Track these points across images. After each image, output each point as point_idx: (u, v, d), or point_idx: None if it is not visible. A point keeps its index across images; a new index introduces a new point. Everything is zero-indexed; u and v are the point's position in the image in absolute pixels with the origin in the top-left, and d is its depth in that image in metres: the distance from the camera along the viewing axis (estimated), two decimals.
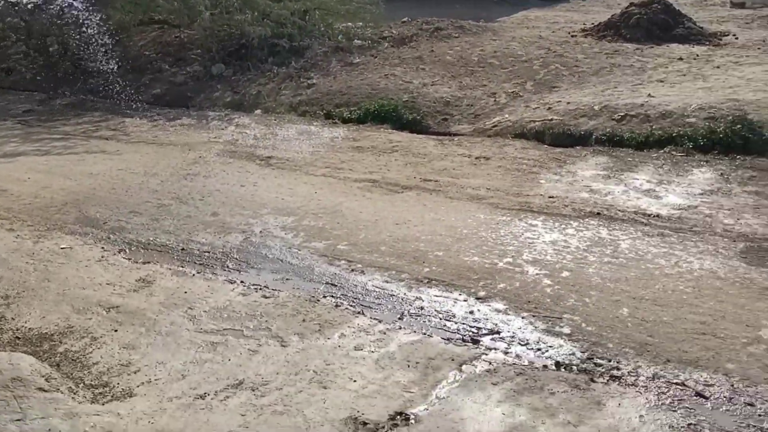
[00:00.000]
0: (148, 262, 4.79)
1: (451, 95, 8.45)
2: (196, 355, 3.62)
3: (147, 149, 7.37)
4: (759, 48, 9.29)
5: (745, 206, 5.12)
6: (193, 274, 4.59)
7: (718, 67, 8.17)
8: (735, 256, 4.36)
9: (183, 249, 5.00)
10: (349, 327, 3.86)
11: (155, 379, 3.42)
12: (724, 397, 3.10)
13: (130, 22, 10.64)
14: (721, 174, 5.81)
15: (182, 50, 10.22)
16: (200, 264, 4.75)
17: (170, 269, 4.67)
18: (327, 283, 4.42)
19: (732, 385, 3.16)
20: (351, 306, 4.12)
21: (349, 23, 10.99)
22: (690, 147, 6.42)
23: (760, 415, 2.96)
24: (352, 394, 3.24)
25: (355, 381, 3.35)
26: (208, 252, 4.93)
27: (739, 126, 6.33)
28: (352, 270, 4.56)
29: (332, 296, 4.24)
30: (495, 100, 8.27)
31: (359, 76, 9.20)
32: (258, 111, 8.68)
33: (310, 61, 9.76)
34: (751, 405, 3.02)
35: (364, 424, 3.02)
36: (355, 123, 8.02)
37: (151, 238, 5.19)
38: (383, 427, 3.00)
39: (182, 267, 4.71)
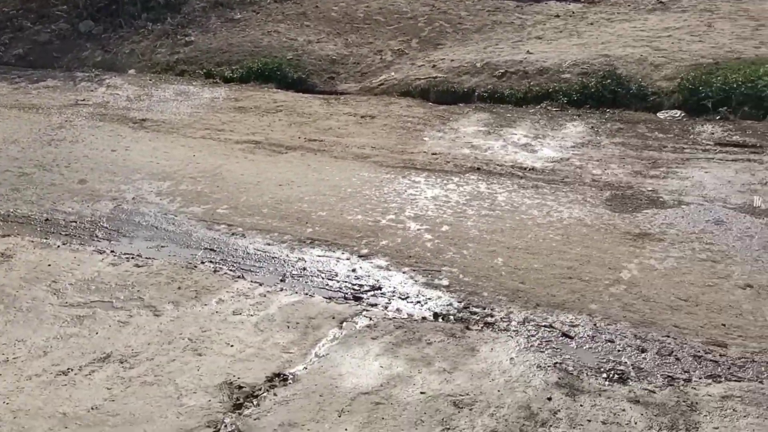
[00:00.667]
0: (8, 235, 4.42)
1: (337, 53, 8.32)
2: (60, 330, 3.40)
3: (7, 114, 6.78)
4: (630, 5, 9.72)
5: (612, 157, 5.40)
6: (58, 246, 4.29)
7: (591, 24, 8.50)
8: (601, 204, 4.59)
9: (47, 219, 4.65)
10: (227, 292, 3.75)
11: (13, 358, 3.18)
12: (588, 335, 3.28)
13: None
14: (592, 127, 6.08)
15: (46, 6, 9.38)
16: (66, 235, 4.45)
17: (32, 241, 4.34)
18: (205, 248, 4.26)
19: (595, 324, 3.34)
20: (231, 271, 4.00)
21: None
22: (565, 102, 6.67)
23: (618, 351, 3.15)
24: (229, 359, 3.16)
25: (232, 346, 3.27)
26: (75, 222, 4.62)
27: (609, 81, 6.63)
28: (233, 234, 4.43)
29: (211, 262, 4.11)
30: (381, 58, 8.22)
31: (241, 33, 8.85)
32: (131, 71, 8.17)
33: (188, 16, 9.25)
34: (611, 341, 3.22)
35: (240, 387, 2.96)
36: (238, 82, 7.74)
37: (11, 210, 4.80)
38: (260, 390, 2.95)
39: (46, 239, 4.39)
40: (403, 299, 3.68)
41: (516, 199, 4.73)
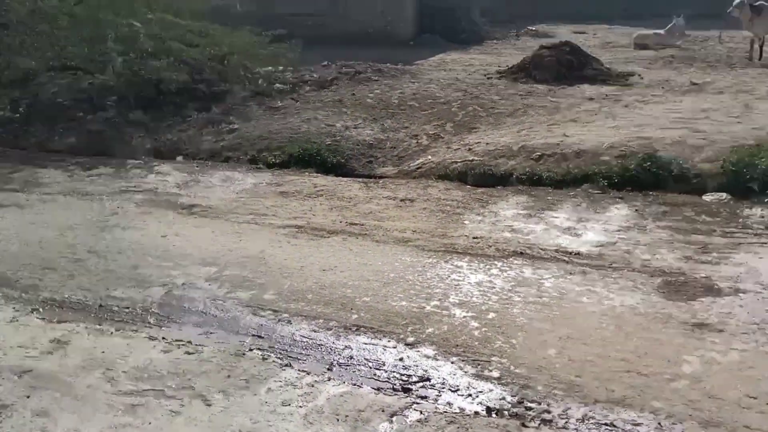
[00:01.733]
0: (64, 321, 4.50)
1: (374, 137, 8.53)
2: (114, 420, 3.40)
3: (62, 201, 7.02)
4: (662, 87, 9.89)
5: (660, 241, 5.34)
6: (112, 332, 4.34)
7: (626, 106, 8.62)
8: (653, 291, 4.51)
9: (101, 306, 4.73)
10: (275, 381, 3.73)
11: None
12: None
13: (38, 69, 10.19)
14: (636, 210, 6.06)
15: (98, 97, 9.86)
16: (119, 321, 4.51)
17: (87, 328, 4.40)
18: (253, 335, 4.28)
19: (659, 424, 3.21)
20: (278, 359, 3.99)
21: (270, 67, 11.03)
22: (605, 184, 6.69)
23: None
24: None
25: None
26: (128, 308, 4.69)
27: (648, 163, 6.66)
28: (279, 320, 4.44)
29: (259, 349, 4.11)
30: (417, 142, 8.40)
31: (281, 120, 9.18)
32: (179, 158, 8.47)
33: (231, 105, 9.68)
34: None
35: None
36: (279, 168, 7.96)
37: (66, 296, 4.90)
38: None
39: (100, 325, 4.45)
40: (453, 391, 3.61)
41: (563, 286, 4.68)
